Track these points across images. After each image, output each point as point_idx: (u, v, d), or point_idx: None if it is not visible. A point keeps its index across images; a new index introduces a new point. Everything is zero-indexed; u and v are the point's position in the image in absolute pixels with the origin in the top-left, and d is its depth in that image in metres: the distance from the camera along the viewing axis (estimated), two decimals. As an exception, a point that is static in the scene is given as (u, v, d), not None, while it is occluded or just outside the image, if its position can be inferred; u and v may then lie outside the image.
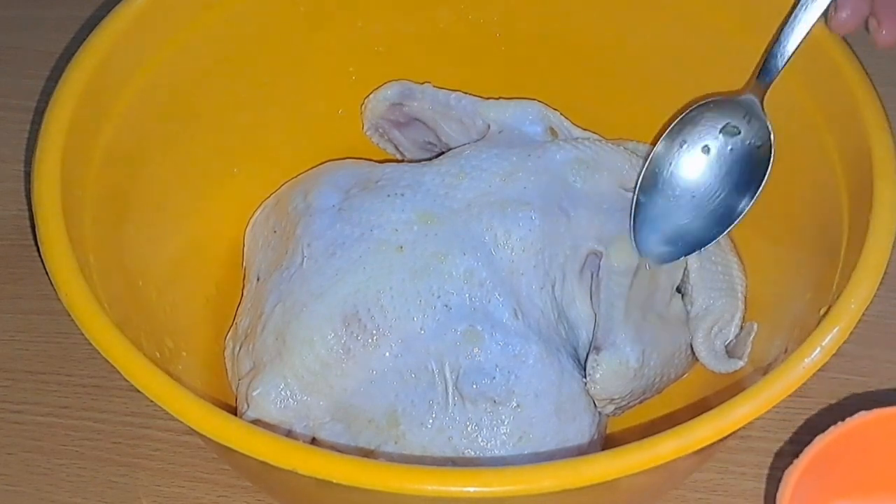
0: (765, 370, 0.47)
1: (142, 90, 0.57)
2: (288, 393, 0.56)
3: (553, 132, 0.64)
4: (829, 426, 0.48)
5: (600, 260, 0.59)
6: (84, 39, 0.56)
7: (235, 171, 0.64)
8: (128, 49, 0.56)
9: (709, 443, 0.44)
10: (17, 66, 0.79)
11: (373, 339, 0.56)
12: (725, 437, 0.45)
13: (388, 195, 0.59)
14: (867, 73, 0.54)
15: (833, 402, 0.63)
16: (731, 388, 0.47)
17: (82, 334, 0.47)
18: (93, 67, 0.55)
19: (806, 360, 0.46)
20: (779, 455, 0.61)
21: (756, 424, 0.48)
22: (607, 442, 0.58)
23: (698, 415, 0.45)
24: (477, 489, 0.43)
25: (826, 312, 0.47)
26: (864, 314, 0.47)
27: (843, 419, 0.48)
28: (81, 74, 0.55)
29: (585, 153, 0.61)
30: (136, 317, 0.54)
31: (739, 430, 0.45)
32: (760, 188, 0.58)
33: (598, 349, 0.57)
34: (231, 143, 0.64)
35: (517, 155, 0.61)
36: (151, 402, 0.46)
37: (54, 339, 0.66)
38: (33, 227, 0.51)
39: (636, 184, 0.60)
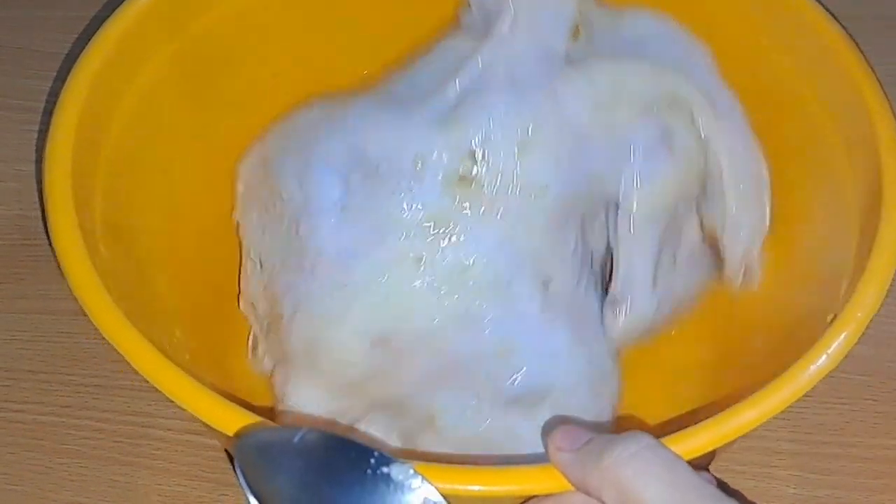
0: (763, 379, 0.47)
1: (148, 86, 0.58)
2: (323, 401, 0.56)
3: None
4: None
5: (619, 206, 0.57)
6: (86, 40, 0.56)
7: (243, 164, 0.64)
8: (135, 44, 0.57)
9: (711, 448, 0.44)
10: (18, 66, 0.79)
11: (403, 356, 0.55)
12: (729, 443, 0.45)
13: (393, 192, 0.56)
14: (876, 75, 0.54)
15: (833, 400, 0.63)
16: (734, 395, 0.47)
17: (84, 334, 0.48)
18: (102, 61, 0.55)
19: (812, 366, 0.46)
20: (779, 455, 0.62)
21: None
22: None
23: (702, 419, 0.45)
24: (480, 488, 0.43)
25: (833, 319, 0.47)
26: (867, 315, 0.48)
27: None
28: (92, 66, 0.55)
29: (601, 92, 0.56)
30: (146, 308, 0.54)
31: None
32: None
33: (616, 302, 0.58)
34: (238, 138, 0.63)
35: (528, 107, 0.55)
36: (153, 401, 0.46)
37: (56, 339, 0.66)
38: (39, 224, 0.51)
39: None
